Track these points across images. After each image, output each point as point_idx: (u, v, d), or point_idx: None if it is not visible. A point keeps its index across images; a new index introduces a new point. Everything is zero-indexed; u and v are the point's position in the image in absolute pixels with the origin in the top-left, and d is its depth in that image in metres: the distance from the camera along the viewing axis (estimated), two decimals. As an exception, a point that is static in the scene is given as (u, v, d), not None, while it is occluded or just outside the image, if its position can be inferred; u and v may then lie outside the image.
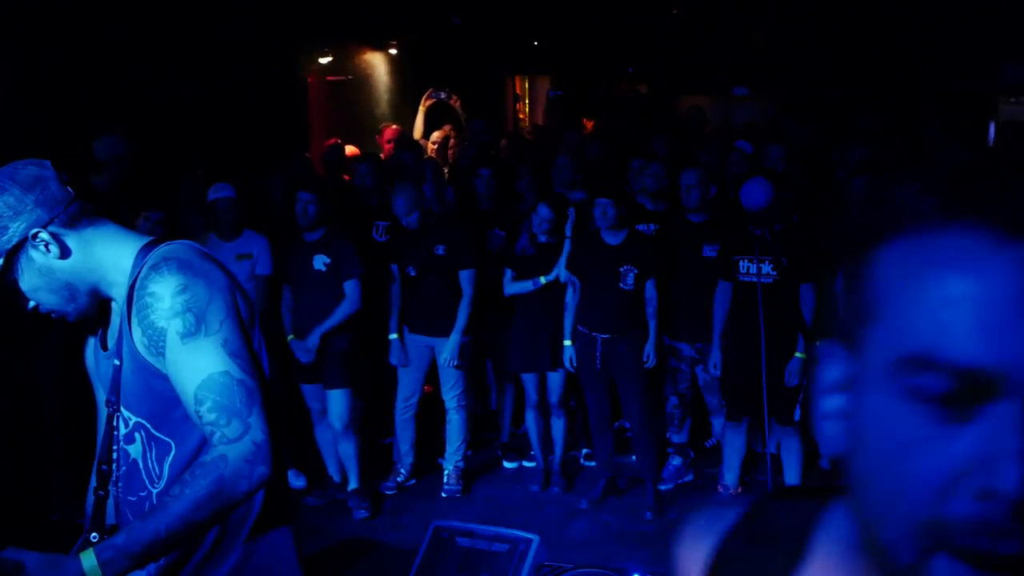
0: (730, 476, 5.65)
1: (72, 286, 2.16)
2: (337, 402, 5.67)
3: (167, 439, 2.18)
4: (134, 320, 2.13)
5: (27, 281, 2.13)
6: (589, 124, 11.05)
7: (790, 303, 5.19)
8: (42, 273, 2.12)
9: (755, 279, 5.16)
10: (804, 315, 5.25)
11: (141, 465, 2.22)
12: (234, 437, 2.03)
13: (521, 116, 14.17)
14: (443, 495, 5.96)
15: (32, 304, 2.17)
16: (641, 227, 5.86)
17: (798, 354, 5.27)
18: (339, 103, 10.07)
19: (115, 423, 2.23)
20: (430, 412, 6.21)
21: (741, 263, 5.27)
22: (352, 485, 5.80)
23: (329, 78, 9.88)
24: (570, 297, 5.68)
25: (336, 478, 5.92)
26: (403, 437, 6.07)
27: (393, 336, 5.90)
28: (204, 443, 2.13)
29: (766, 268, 5.19)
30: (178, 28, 7.09)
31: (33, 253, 2.10)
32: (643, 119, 10.28)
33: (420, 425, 6.12)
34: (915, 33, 12.02)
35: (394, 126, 9.19)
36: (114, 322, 2.27)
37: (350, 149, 8.28)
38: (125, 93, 6.66)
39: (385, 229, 6.32)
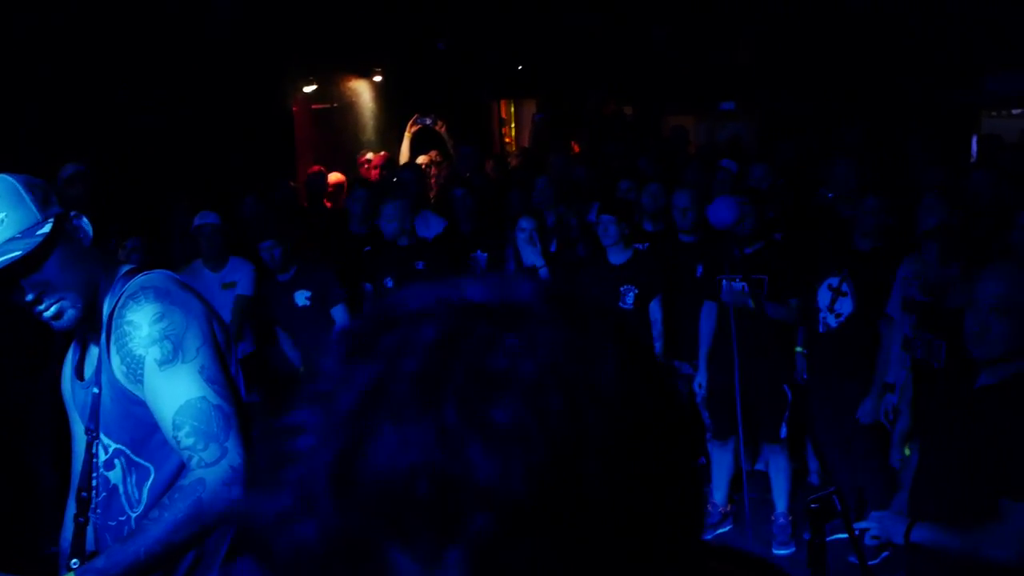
0: (718, 494, 5.63)
1: (90, 277, 2.20)
2: None
3: (146, 464, 2.23)
4: (112, 348, 2.17)
5: (59, 266, 2.13)
6: (576, 146, 11.11)
7: (769, 321, 5.18)
8: (76, 258, 2.16)
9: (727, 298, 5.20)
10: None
11: (121, 490, 2.26)
12: (212, 461, 2.07)
13: (507, 140, 14.24)
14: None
15: (32, 297, 2.12)
16: (636, 246, 5.88)
17: (799, 348, 5.28)
18: (325, 131, 10.12)
19: (94, 450, 2.26)
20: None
21: (723, 282, 5.28)
22: None
23: (314, 106, 9.93)
24: None
25: None
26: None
27: None
28: (182, 467, 2.17)
29: (737, 287, 5.21)
30: (165, 57, 7.12)
31: (71, 235, 2.15)
32: (629, 140, 10.32)
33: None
34: (898, 47, 12.11)
35: (370, 154, 9.26)
36: (91, 351, 2.31)
37: (335, 176, 8.32)
38: (110, 121, 6.68)
39: (367, 253, 6.32)
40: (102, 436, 2.25)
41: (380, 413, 0.57)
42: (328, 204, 7.44)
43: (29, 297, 2.12)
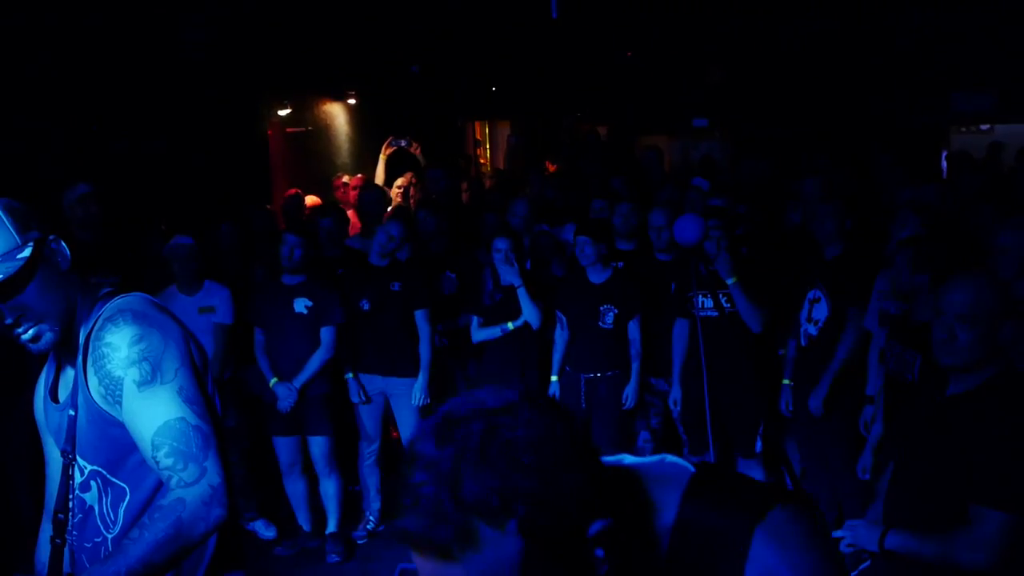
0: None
1: (68, 300, 2.22)
2: (319, 446, 5.70)
3: (122, 484, 2.24)
4: (90, 371, 2.18)
5: (38, 290, 2.15)
6: (552, 167, 11.16)
7: (739, 335, 5.23)
8: (55, 282, 2.18)
9: (698, 313, 5.25)
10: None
11: (96, 511, 2.27)
12: (191, 481, 2.09)
13: (482, 161, 14.29)
14: (414, 541, 5.92)
15: (11, 320, 2.14)
16: (614, 265, 5.92)
17: (785, 381, 5.33)
18: (300, 154, 10.12)
19: (71, 472, 2.26)
20: (400, 457, 6.17)
21: (695, 299, 5.33)
22: (330, 528, 5.81)
23: (289, 129, 9.93)
24: (558, 334, 5.72)
25: (306, 527, 5.89)
26: (369, 483, 6.07)
27: (348, 375, 5.89)
28: (159, 487, 2.19)
29: (708, 303, 5.27)
30: (138, 81, 7.12)
31: (50, 259, 2.18)
32: (603, 160, 10.39)
33: (389, 471, 6.11)
34: (866, 68, 12.27)
35: (346, 177, 9.28)
36: (67, 373, 2.32)
37: (311, 199, 8.33)
38: (84, 146, 6.67)
39: (340, 275, 6.32)
40: (78, 458, 2.26)
41: (464, 468, 1.13)
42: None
43: (8, 320, 2.14)
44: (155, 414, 2.12)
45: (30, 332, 2.16)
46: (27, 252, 2.10)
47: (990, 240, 4.28)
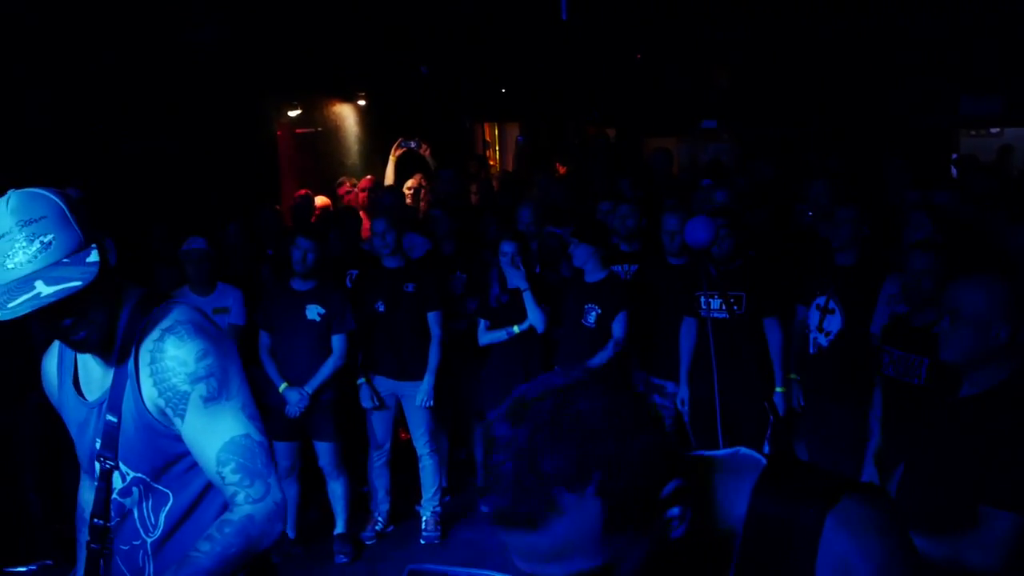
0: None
1: (114, 301, 2.19)
2: (326, 452, 5.70)
3: (165, 490, 2.24)
4: (146, 381, 2.16)
5: (97, 292, 2.08)
6: (562, 168, 11.17)
7: (748, 338, 5.23)
8: (107, 283, 2.12)
9: (706, 314, 5.25)
10: (772, 349, 5.30)
11: (135, 515, 2.26)
12: (258, 497, 2.13)
13: (491, 162, 14.30)
14: (422, 542, 5.95)
15: (70, 322, 2.07)
16: (616, 268, 5.92)
17: (778, 388, 5.32)
18: (309, 155, 10.14)
19: (110, 478, 2.25)
20: (409, 459, 6.19)
21: (702, 299, 5.33)
22: (339, 529, 5.81)
23: (298, 130, 9.95)
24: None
25: (291, 534, 5.85)
26: (378, 485, 6.06)
27: (360, 380, 5.90)
28: (203, 492, 2.23)
29: (715, 304, 5.26)
30: (148, 80, 7.14)
31: (104, 259, 2.09)
32: (611, 162, 10.39)
33: (398, 472, 6.12)
34: (876, 71, 12.25)
35: (348, 182, 9.26)
36: (93, 371, 2.27)
37: (320, 200, 8.35)
38: (92, 147, 6.69)
39: (356, 278, 6.33)
40: (120, 464, 2.23)
41: (539, 441, 1.18)
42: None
43: (67, 323, 2.08)
44: (221, 430, 2.14)
45: (81, 333, 2.11)
46: (96, 256, 2.04)
47: (1005, 243, 4.27)
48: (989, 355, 2.62)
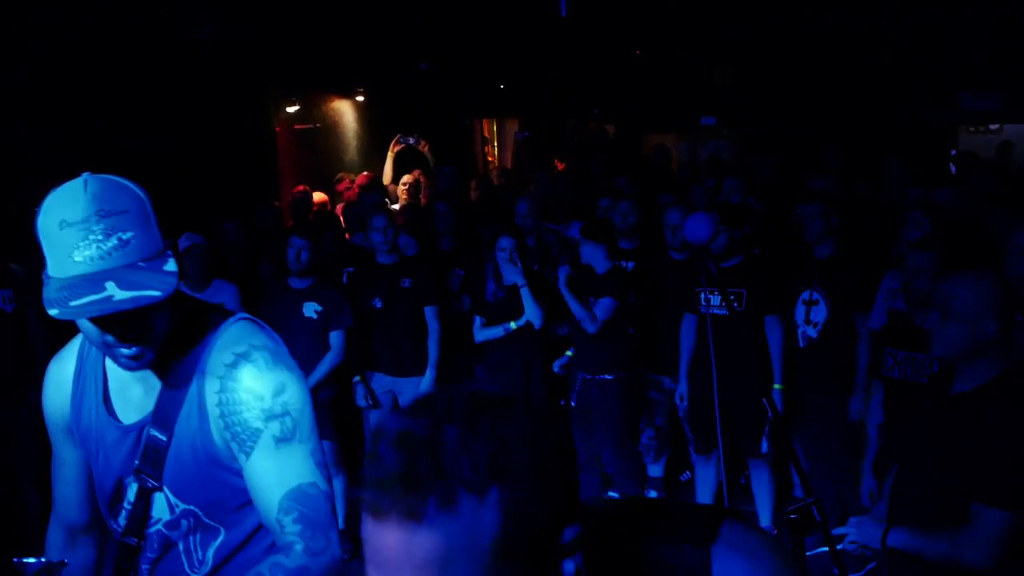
0: (703, 508, 5.64)
1: (169, 315, 1.95)
2: (326, 449, 5.65)
3: (216, 525, 2.08)
4: (214, 409, 1.98)
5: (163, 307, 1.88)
6: (561, 165, 11.17)
7: (748, 335, 5.23)
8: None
9: (706, 311, 5.26)
10: (773, 347, 5.30)
11: (181, 548, 2.11)
12: (318, 551, 1.97)
13: (490, 159, 14.29)
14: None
15: (132, 335, 1.85)
16: (618, 263, 5.93)
17: (777, 385, 5.31)
18: (307, 151, 10.13)
19: (150, 499, 2.07)
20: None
21: (701, 295, 5.33)
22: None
23: (297, 126, 9.95)
24: None
25: None
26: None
27: (356, 378, 5.89)
28: (255, 532, 2.08)
29: (715, 300, 5.26)
30: (146, 80, 7.13)
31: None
32: (611, 158, 10.39)
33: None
34: (875, 68, 12.24)
35: (348, 178, 9.25)
36: (131, 389, 2.07)
37: (319, 196, 8.34)
38: (91, 144, 6.68)
39: (351, 275, 6.32)
40: (167, 491, 2.04)
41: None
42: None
43: (130, 335, 1.85)
44: (288, 475, 1.96)
45: (135, 349, 1.86)
46: (174, 266, 1.83)
47: (1004, 240, 4.25)
48: (978, 349, 2.63)
